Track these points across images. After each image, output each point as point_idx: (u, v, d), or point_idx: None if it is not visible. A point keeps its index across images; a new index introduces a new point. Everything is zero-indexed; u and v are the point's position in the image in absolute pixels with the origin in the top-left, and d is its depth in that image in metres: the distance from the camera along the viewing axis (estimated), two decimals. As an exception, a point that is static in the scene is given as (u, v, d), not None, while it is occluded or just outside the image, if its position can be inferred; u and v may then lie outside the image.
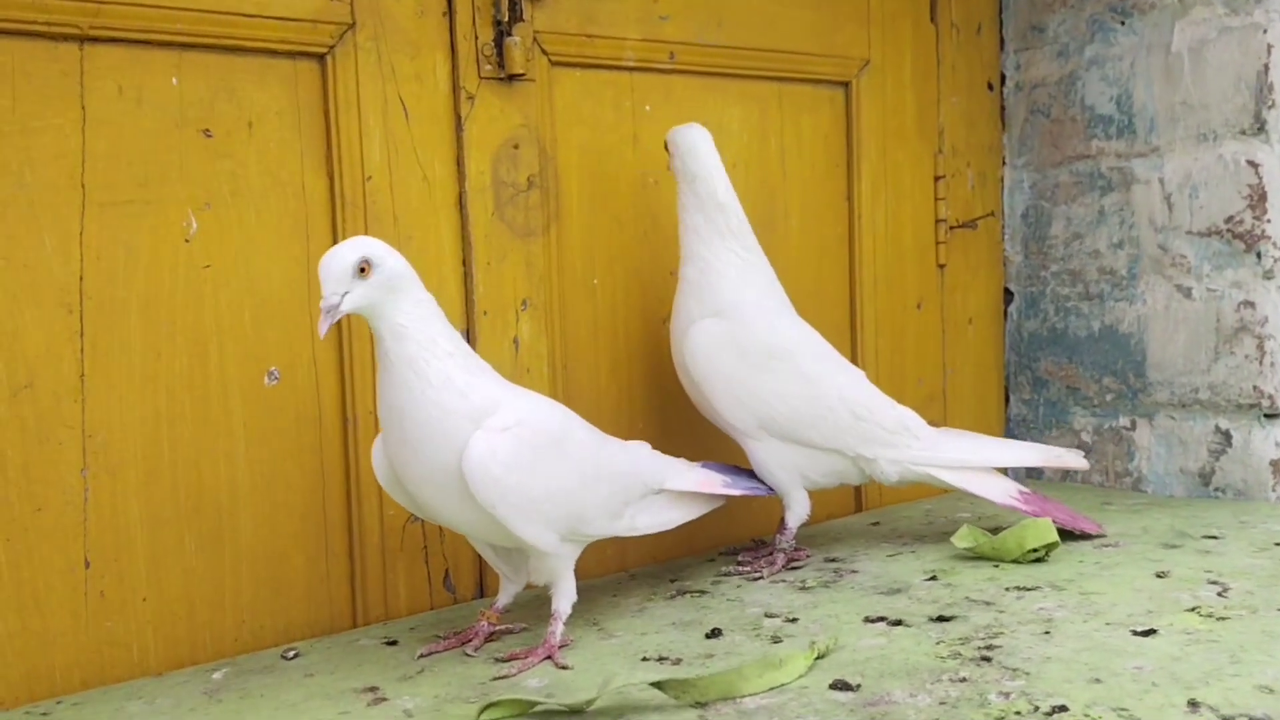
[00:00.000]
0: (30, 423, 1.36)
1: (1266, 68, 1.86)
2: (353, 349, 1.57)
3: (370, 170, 1.58)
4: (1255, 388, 1.91)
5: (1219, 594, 1.40)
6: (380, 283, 1.25)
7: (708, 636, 1.39)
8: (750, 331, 1.66)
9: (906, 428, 1.69)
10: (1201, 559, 1.56)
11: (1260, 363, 1.90)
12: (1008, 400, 2.35)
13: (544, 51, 1.72)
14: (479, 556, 1.60)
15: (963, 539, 1.66)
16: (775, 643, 1.34)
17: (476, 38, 1.64)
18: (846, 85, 2.08)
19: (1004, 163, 2.30)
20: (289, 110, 1.53)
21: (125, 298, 1.42)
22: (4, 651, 1.35)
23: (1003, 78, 2.29)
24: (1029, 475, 2.29)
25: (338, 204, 1.56)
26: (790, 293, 2.01)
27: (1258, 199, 1.88)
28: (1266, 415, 1.90)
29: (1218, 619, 1.30)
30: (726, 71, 1.94)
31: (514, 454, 1.29)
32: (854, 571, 1.64)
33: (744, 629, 1.41)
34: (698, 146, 1.69)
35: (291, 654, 1.45)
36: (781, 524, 1.71)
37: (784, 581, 1.62)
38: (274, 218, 1.53)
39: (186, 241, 1.46)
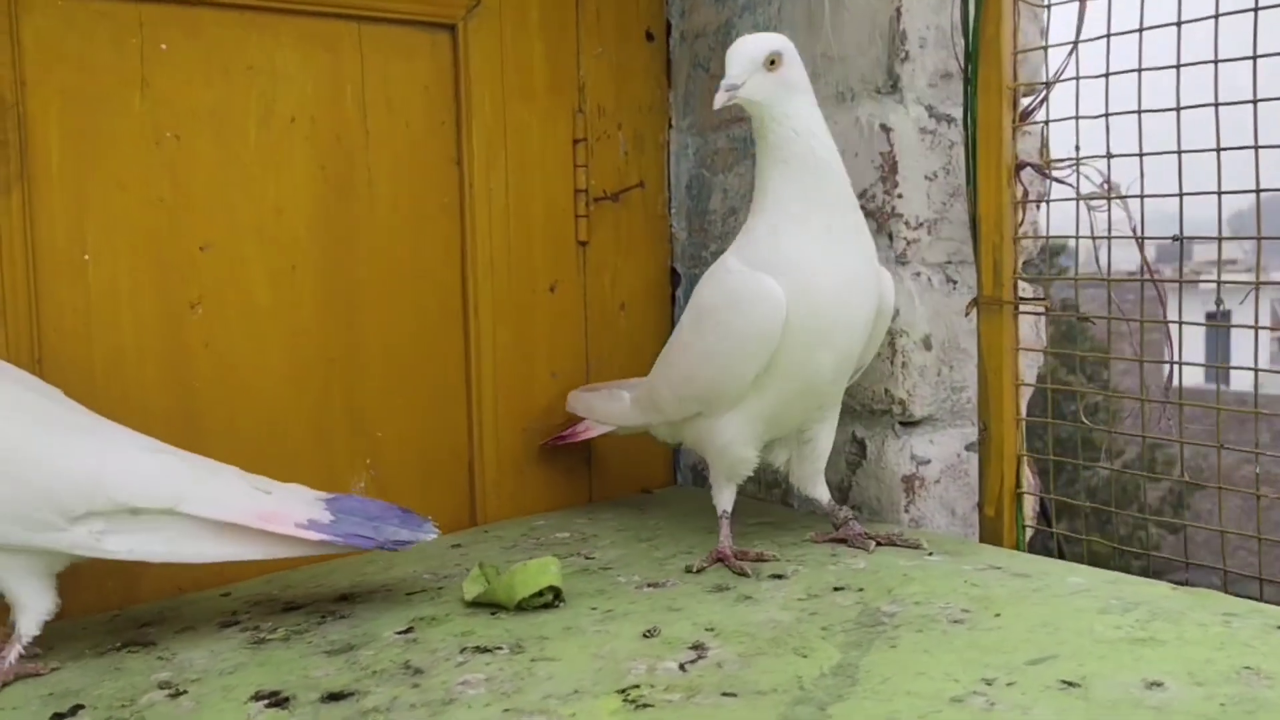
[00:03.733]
0: None
1: (899, 11, 1.58)
2: None
3: None
4: (887, 391, 1.63)
5: (689, 662, 1.10)
6: None
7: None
8: None
9: None
10: (734, 610, 1.26)
11: (892, 362, 1.62)
12: (683, 396, 2.06)
13: (-3, -29, 1.39)
14: None
15: (472, 586, 1.35)
16: (108, 733, 1.04)
17: None
18: (453, 29, 1.77)
19: (670, 125, 2.00)
20: None
21: None
22: None
23: (669, 26, 1.98)
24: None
25: None
26: (384, 273, 1.72)
27: (889, 170, 1.60)
28: (902, 424, 1.63)
29: (640, 706, 1.01)
30: (279, 7, 1.61)
31: None
32: (343, 618, 1.34)
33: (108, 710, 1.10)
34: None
35: None
36: None
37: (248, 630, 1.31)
38: None
39: None
